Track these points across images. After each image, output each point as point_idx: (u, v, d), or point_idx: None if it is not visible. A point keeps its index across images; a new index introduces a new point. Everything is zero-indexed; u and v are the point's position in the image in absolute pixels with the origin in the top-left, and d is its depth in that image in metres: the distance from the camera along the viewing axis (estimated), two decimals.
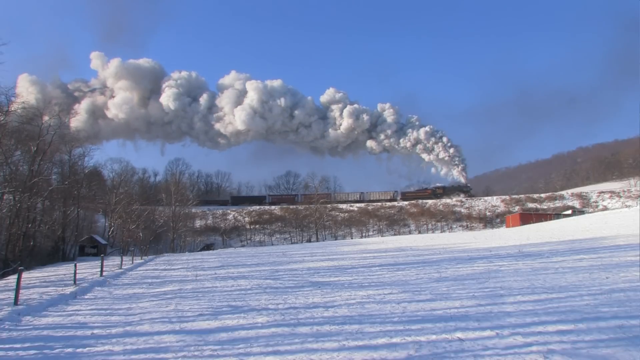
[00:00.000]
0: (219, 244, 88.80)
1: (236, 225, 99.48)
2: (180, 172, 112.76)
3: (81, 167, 64.13)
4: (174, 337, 9.36)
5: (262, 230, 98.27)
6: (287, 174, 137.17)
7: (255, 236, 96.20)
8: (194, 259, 38.17)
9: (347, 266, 24.06)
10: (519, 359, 6.98)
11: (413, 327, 9.26)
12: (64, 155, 56.67)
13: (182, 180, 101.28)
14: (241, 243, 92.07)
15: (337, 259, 29.40)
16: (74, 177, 57.01)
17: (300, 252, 39.28)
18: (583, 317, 9.36)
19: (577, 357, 6.91)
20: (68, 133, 59.32)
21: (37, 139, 43.15)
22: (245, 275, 22.08)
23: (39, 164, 44.08)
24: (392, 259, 27.13)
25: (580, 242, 29.33)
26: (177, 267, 29.35)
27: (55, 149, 50.34)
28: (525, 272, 17.37)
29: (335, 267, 23.75)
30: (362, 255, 30.93)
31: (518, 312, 10.25)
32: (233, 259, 34.46)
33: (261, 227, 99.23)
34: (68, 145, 56.61)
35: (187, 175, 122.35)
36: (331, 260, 28.64)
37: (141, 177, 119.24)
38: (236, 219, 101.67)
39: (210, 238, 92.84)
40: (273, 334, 9.26)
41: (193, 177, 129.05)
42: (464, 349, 7.60)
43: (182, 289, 17.65)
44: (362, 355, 7.56)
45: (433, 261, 23.90)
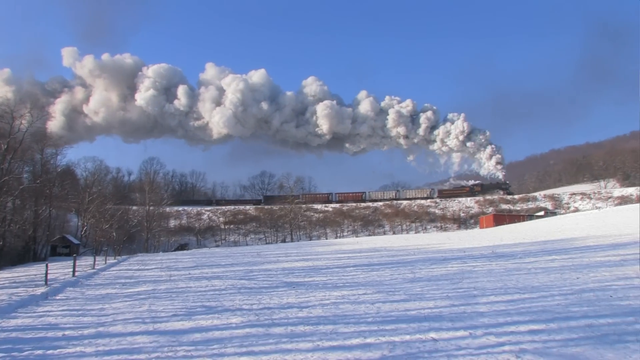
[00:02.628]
0: (194, 244, 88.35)
1: (211, 225, 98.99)
2: (155, 172, 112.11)
3: (53, 165, 63.43)
4: (147, 338, 9.27)
5: (236, 231, 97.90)
6: (262, 174, 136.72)
7: (230, 236, 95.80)
8: (167, 259, 37.97)
9: (322, 266, 24.09)
10: (492, 358, 7.03)
11: (387, 327, 9.28)
12: (35, 154, 56.00)
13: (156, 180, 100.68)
14: (216, 243, 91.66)
15: (312, 259, 29.42)
16: (46, 176, 56.40)
17: (274, 252, 39.26)
18: (554, 316, 9.48)
19: (548, 356, 6.98)
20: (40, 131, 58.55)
21: (8, 137, 42.55)
22: (219, 275, 22.01)
23: (9, 163, 43.47)
24: (366, 259, 27.22)
25: (552, 243, 29.69)
26: (150, 268, 29.16)
27: (27, 148, 49.71)
28: (499, 272, 17.54)
29: (310, 268, 23.76)
30: (336, 256, 30.99)
31: (491, 312, 10.34)
32: (207, 259, 34.33)
33: (236, 227, 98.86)
34: (40, 144, 55.93)
35: (162, 174, 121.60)
36: (306, 260, 28.65)
37: (115, 176, 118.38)
38: (211, 219, 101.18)
39: (185, 238, 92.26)
40: (247, 335, 9.22)
41: (167, 177, 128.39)
42: (438, 349, 7.64)
43: (155, 289, 17.53)
44: (336, 355, 7.56)
45: (407, 262, 24.02)
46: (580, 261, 19.30)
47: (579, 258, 20.44)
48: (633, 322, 8.75)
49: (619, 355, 6.91)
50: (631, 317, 9.12)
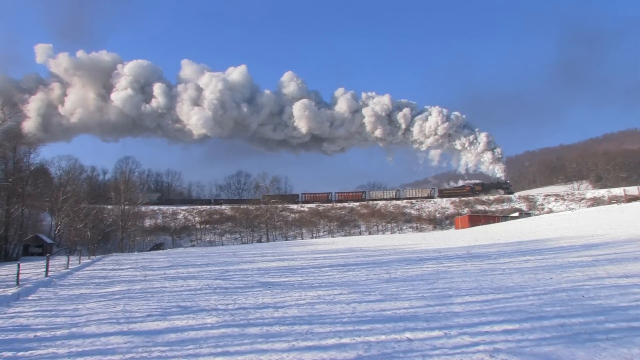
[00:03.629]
0: (169, 244, 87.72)
1: (186, 225, 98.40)
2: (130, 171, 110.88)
3: (27, 163, 62.57)
4: (121, 339, 9.19)
5: (212, 230, 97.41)
6: (238, 174, 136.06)
7: (206, 236, 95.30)
8: (143, 258, 37.65)
9: (298, 267, 24.07)
10: (467, 358, 7.09)
11: (362, 327, 9.30)
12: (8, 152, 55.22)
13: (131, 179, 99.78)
14: (191, 243, 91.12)
15: (288, 259, 29.37)
16: (19, 174, 55.61)
17: (250, 252, 39.13)
18: (528, 316, 9.58)
19: (522, 355, 7.06)
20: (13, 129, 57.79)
21: None
22: (195, 275, 21.87)
23: None
24: (342, 259, 27.24)
25: (526, 243, 29.96)
26: (125, 267, 28.90)
27: None
28: (474, 273, 17.66)
29: (286, 268, 23.72)
30: (312, 256, 30.97)
31: (466, 312, 10.42)
32: (183, 259, 34.12)
33: (211, 227, 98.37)
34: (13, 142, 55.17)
35: (137, 173, 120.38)
36: (281, 260, 28.60)
37: (90, 175, 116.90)
38: (186, 219, 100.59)
39: (160, 238, 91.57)
40: (222, 335, 9.19)
41: (143, 176, 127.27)
42: (413, 349, 7.68)
43: (130, 289, 17.37)
44: (312, 355, 7.56)
45: (383, 262, 24.08)
46: (554, 262, 19.52)
47: (553, 259, 20.67)
48: (603, 321, 8.88)
49: (589, 353, 7.03)
50: (602, 317, 9.26)
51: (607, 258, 19.23)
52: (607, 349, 7.21)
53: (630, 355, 6.91)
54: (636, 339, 7.65)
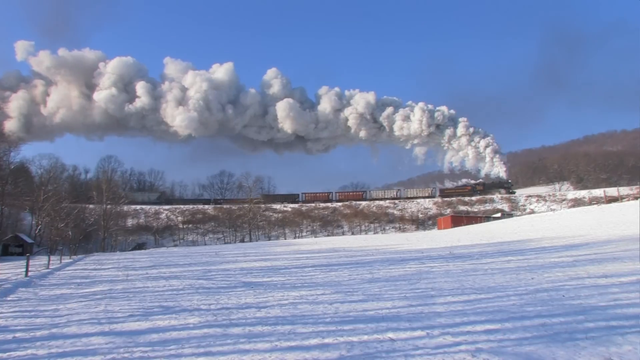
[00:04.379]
0: (151, 244, 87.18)
1: (169, 225, 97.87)
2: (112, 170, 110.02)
3: (7, 162, 61.95)
4: (102, 339, 9.11)
5: (195, 230, 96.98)
6: (221, 174, 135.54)
7: (188, 236, 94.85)
8: (125, 258, 37.43)
9: (280, 266, 24.04)
10: (449, 357, 7.12)
11: (345, 327, 9.31)
12: None
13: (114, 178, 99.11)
14: (174, 243, 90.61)
15: (271, 259, 29.34)
16: None
17: (233, 252, 39.02)
18: (509, 316, 9.64)
19: (503, 354, 7.11)
20: None
21: None
22: (177, 275, 21.77)
23: None
24: (325, 259, 27.25)
25: (508, 244, 30.15)
26: (107, 267, 28.69)
27: None
28: (456, 273, 17.74)
29: (269, 268, 23.69)
30: (295, 256, 30.95)
31: (448, 312, 10.46)
32: (165, 259, 33.96)
33: (194, 227, 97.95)
34: None
35: (120, 172, 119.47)
36: (264, 260, 28.55)
37: (71, 174, 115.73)
38: (169, 218, 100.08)
39: (142, 237, 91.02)
40: (205, 335, 9.15)
41: (125, 175, 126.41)
42: (395, 349, 7.69)
43: (112, 289, 17.24)
44: (295, 355, 7.55)
45: (366, 262, 24.12)
46: (535, 262, 19.66)
47: (534, 259, 20.83)
48: (583, 321, 8.96)
49: (569, 352, 7.09)
50: (581, 316, 9.35)
51: (588, 258, 19.42)
52: (587, 347, 7.29)
53: (609, 353, 6.99)
54: (614, 338, 7.74)
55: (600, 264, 17.23)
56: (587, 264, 17.54)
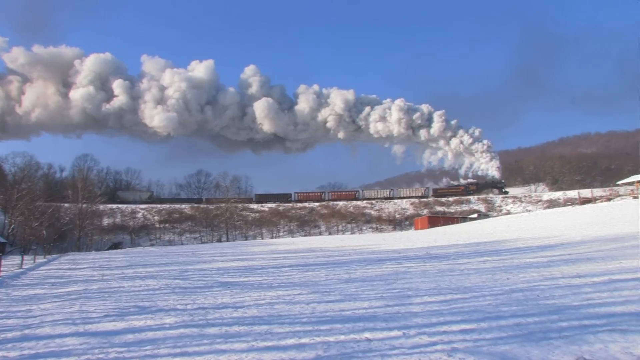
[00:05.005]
0: (128, 243, 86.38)
1: (145, 224, 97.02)
2: (88, 168, 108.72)
3: None
4: (77, 340, 9.03)
5: (171, 230, 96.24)
6: (198, 173, 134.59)
7: (165, 235, 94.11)
8: (100, 258, 37.08)
9: (257, 266, 24.00)
10: (425, 357, 7.17)
11: (322, 327, 9.33)
12: None
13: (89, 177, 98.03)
14: (150, 242, 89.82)
15: (247, 259, 29.27)
16: None
17: (210, 251, 38.86)
18: (485, 316, 9.72)
19: (479, 354, 7.17)
20: None
21: None
22: (153, 275, 21.63)
23: None
24: (302, 259, 27.24)
25: (484, 244, 30.36)
26: (82, 267, 28.41)
27: None
28: (432, 273, 17.84)
29: (245, 268, 23.64)
30: (272, 256, 30.90)
31: (424, 312, 10.52)
32: (141, 259, 33.70)
33: (171, 226, 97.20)
34: None
35: (96, 171, 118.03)
36: (241, 260, 28.48)
37: (46, 172, 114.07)
38: (145, 218, 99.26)
39: (119, 237, 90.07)
40: (181, 335, 9.12)
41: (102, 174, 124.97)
42: (372, 349, 7.73)
43: (87, 289, 17.08)
44: (271, 355, 7.56)
45: (343, 262, 24.16)
46: (511, 262, 19.85)
47: (510, 259, 21.02)
48: (557, 320, 9.08)
49: (543, 351, 7.19)
50: (555, 316, 9.46)
51: (562, 259, 19.65)
52: (560, 346, 7.39)
53: (581, 352, 7.10)
54: (587, 337, 7.86)
55: (574, 264, 17.44)
56: (562, 264, 17.75)
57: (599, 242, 24.45)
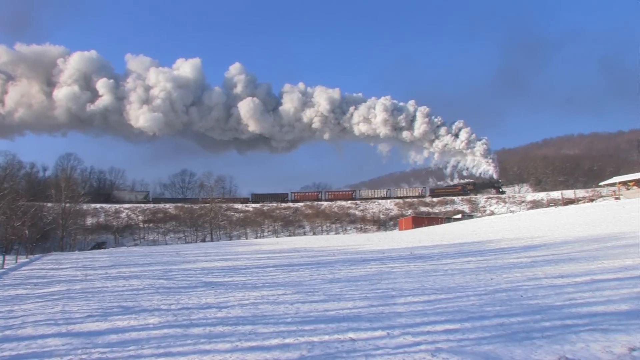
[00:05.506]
0: (111, 243, 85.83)
1: (129, 224, 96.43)
2: (72, 168, 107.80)
3: None
4: (59, 340, 8.96)
5: (155, 229, 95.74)
6: (183, 173, 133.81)
7: (149, 235, 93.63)
8: (84, 258, 36.84)
9: (242, 266, 23.97)
10: (409, 357, 7.19)
11: (306, 327, 9.33)
12: None
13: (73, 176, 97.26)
14: (134, 242, 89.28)
15: (232, 259, 29.22)
16: None
17: (194, 251, 38.72)
18: (469, 316, 9.77)
19: (462, 354, 7.21)
20: None
21: None
22: (137, 275, 21.52)
23: None
24: (286, 259, 27.23)
25: (468, 245, 30.48)
26: (65, 267, 28.21)
27: None
28: (416, 273, 17.89)
29: (230, 268, 23.60)
30: (256, 256, 30.85)
31: (408, 312, 10.55)
32: (125, 258, 33.51)
33: (155, 226, 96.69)
34: None
35: (79, 171, 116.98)
36: (225, 260, 28.43)
37: (29, 171, 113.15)
38: (129, 217, 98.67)
39: (102, 236, 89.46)
40: (165, 335, 9.09)
41: (85, 173, 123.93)
42: (356, 349, 7.74)
43: (70, 289, 16.96)
44: (255, 356, 7.55)
45: (327, 262, 24.18)
46: (495, 263, 19.96)
47: (494, 260, 21.13)
48: (540, 320, 9.15)
49: (526, 351, 7.25)
50: (538, 315, 9.54)
51: (545, 259, 19.80)
52: (543, 346, 7.45)
53: (563, 351, 7.17)
54: (569, 336, 7.92)
55: (557, 265, 17.58)
56: (545, 265, 17.89)
57: (581, 243, 24.67)
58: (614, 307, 10.03)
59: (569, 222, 38.23)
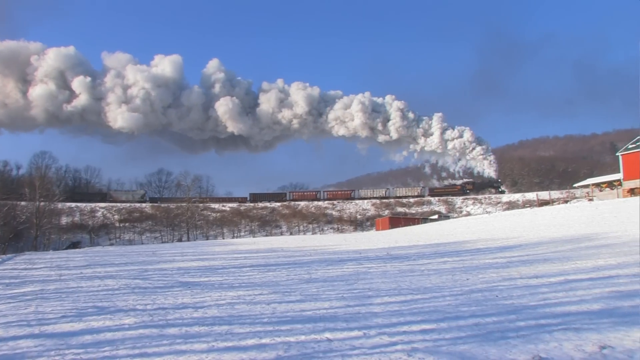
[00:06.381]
0: (86, 242, 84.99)
1: (105, 223, 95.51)
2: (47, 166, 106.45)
3: None
4: (32, 342, 8.85)
5: (132, 229, 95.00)
6: (159, 172, 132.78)
7: (125, 234, 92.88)
8: (58, 257, 36.39)
9: (218, 266, 23.88)
10: (385, 357, 7.22)
11: (282, 327, 9.33)
12: None
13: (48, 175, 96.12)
14: (110, 242, 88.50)
15: (208, 259, 29.08)
16: None
17: (170, 251, 38.46)
18: (445, 316, 9.83)
19: (438, 354, 7.25)
20: None
21: None
22: (113, 274, 21.30)
23: None
24: (263, 259, 27.16)
25: (444, 245, 30.63)
26: (39, 267, 27.84)
27: None
28: (393, 274, 17.95)
29: (206, 267, 23.49)
30: (233, 256, 30.75)
31: (385, 312, 10.59)
32: (101, 258, 33.17)
33: (131, 226, 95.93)
34: None
35: (54, 169, 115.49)
36: (202, 260, 28.28)
37: (1, 169, 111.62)
38: (105, 217, 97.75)
39: (77, 236, 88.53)
40: (140, 336, 9.02)
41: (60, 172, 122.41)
42: (333, 349, 7.75)
43: (44, 290, 16.74)
44: (231, 356, 7.53)
45: (304, 262, 24.17)
46: (471, 263, 20.09)
47: (470, 260, 21.26)
48: (515, 320, 9.23)
49: (501, 350, 7.31)
50: (513, 315, 9.62)
51: (520, 259, 19.98)
52: (517, 345, 7.52)
53: (537, 350, 7.24)
54: (543, 336, 8.01)
55: (532, 265, 17.76)
56: (520, 265, 18.05)
57: (555, 243, 24.93)
58: (586, 306, 10.15)
59: (543, 223, 38.60)
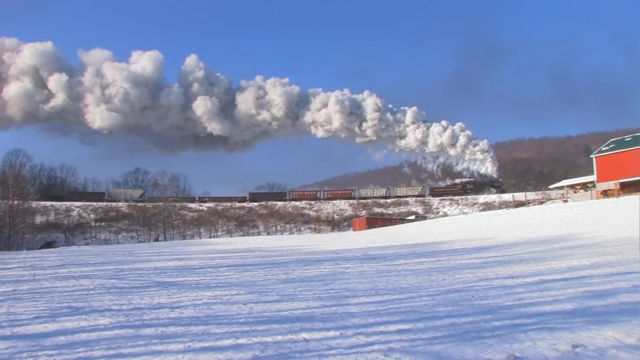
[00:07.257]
0: (61, 242, 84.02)
1: (80, 222, 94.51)
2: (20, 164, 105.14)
3: None
4: (3, 344, 8.69)
5: (107, 228, 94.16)
6: (136, 171, 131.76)
7: (101, 234, 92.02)
8: (32, 257, 35.94)
9: (195, 266, 23.75)
10: (362, 357, 7.23)
11: (259, 327, 9.31)
12: None
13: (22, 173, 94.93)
14: (85, 241, 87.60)
15: (185, 258, 28.92)
16: None
17: (147, 251, 38.19)
18: (421, 316, 9.88)
19: (414, 354, 7.28)
20: None
21: None
22: (88, 274, 21.08)
23: None
24: (240, 259, 27.10)
25: (421, 246, 30.78)
26: (12, 267, 27.45)
27: None
28: (370, 274, 18.00)
29: (183, 267, 23.35)
30: (210, 256, 30.63)
31: (362, 312, 10.61)
32: (76, 258, 32.82)
33: (107, 225, 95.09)
34: None
35: (29, 167, 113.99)
36: (179, 260, 28.11)
37: None
38: (80, 216, 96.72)
39: (52, 235, 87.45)
40: (116, 336, 8.94)
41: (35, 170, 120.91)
42: (309, 349, 7.75)
43: (16, 290, 16.49)
44: (208, 356, 7.50)
45: (281, 262, 24.14)
46: (447, 263, 20.21)
47: (446, 260, 21.39)
48: (490, 320, 9.31)
49: (476, 350, 7.37)
50: (489, 315, 9.70)
51: (496, 260, 20.15)
52: (493, 345, 7.58)
53: (512, 350, 7.32)
54: (518, 335, 8.09)
55: (508, 266, 17.92)
56: (496, 266, 18.20)
57: (531, 244, 25.19)
58: (560, 306, 10.27)
59: (519, 224, 39.02)
